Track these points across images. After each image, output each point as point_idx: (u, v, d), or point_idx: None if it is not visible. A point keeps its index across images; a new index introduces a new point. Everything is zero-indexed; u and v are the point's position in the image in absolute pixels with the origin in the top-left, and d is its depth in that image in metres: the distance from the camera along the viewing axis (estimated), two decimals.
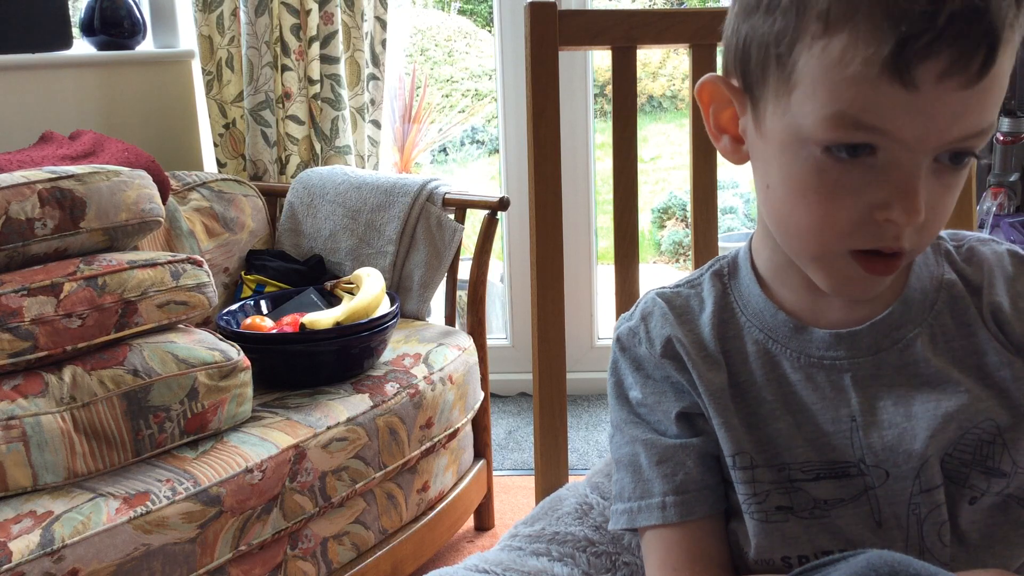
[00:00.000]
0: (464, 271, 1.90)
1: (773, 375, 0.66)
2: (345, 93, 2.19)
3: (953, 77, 0.51)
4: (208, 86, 2.21)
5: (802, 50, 0.55)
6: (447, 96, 5.44)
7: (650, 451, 0.68)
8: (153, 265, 1.38)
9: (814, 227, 0.58)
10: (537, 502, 0.94)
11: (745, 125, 0.63)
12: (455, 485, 1.77)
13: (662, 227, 4.72)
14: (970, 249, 0.67)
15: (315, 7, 2.13)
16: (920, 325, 0.64)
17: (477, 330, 1.86)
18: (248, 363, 1.41)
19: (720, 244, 1.06)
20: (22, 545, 1.08)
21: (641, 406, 0.70)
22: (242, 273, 1.96)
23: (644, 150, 4.96)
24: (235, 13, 2.16)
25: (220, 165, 2.26)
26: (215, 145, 2.24)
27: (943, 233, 0.69)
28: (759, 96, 0.60)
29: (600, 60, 3.14)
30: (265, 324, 1.60)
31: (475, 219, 1.92)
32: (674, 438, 0.68)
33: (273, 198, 2.14)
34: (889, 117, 0.53)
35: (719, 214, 1.05)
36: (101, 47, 2.22)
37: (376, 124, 2.31)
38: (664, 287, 0.74)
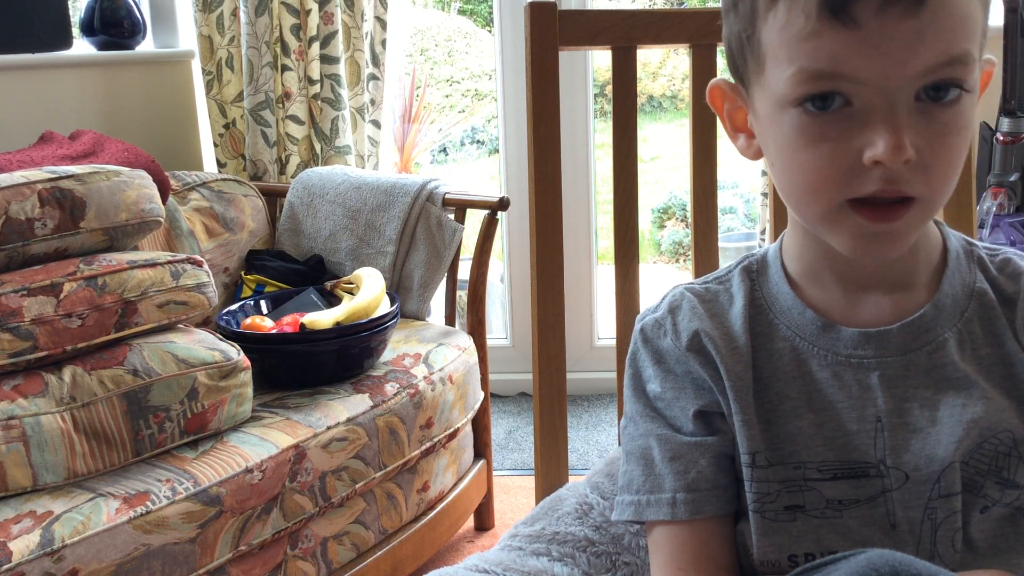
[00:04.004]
0: (464, 271, 1.90)
1: (799, 372, 0.66)
2: (345, 93, 2.19)
3: (892, 7, 0.53)
4: (208, 86, 2.21)
5: (762, 26, 0.59)
6: (447, 96, 5.44)
7: (664, 446, 0.68)
8: (153, 265, 1.38)
9: (810, 183, 0.59)
10: (537, 502, 0.94)
11: (751, 119, 0.65)
12: (455, 485, 1.78)
13: (662, 227, 4.72)
14: (1005, 260, 0.67)
15: (315, 7, 2.13)
16: (950, 329, 0.64)
17: (477, 330, 1.86)
18: (248, 363, 1.41)
19: (720, 244, 1.06)
20: (22, 545, 1.08)
21: (659, 400, 0.70)
22: (242, 273, 1.96)
23: (644, 150, 4.96)
24: (235, 13, 2.16)
25: (220, 165, 2.26)
26: (215, 145, 2.24)
27: (978, 243, 0.69)
28: (748, 83, 0.63)
29: (600, 60, 3.14)
30: (265, 324, 1.60)
31: (475, 219, 1.92)
32: (689, 435, 0.68)
33: (273, 198, 2.14)
34: (843, 60, 0.55)
35: (719, 214, 1.05)
36: (101, 47, 2.22)
37: (376, 124, 2.31)
38: (692, 283, 0.74)
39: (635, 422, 0.71)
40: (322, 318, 1.54)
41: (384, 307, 1.64)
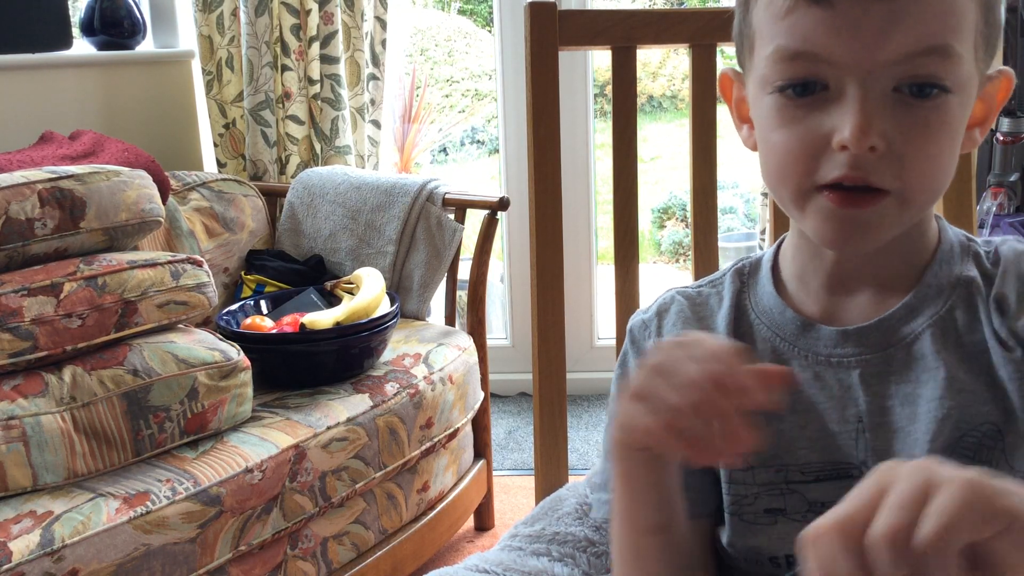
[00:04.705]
0: (464, 271, 1.90)
1: None
2: (345, 93, 2.19)
3: None
4: (208, 86, 2.21)
5: (753, 7, 0.60)
6: (447, 96, 5.44)
7: None
8: (153, 265, 1.38)
9: (781, 166, 0.60)
10: (537, 502, 0.94)
11: (751, 108, 0.65)
12: (455, 485, 1.78)
13: (662, 227, 4.72)
14: (996, 251, 0.66)
15: (315, 7, 2.13)
16: (931, 318, 0.63)
17: (477, 330, 1.86)
18: (248, 363, 1.41)
19: (720, 244, 1.06)
20: (22, 545, 1.08)
21: None
22: (242, 273, 1.96)
23: (644, 150, 4.96)
24: (235, 13, 2.16)
25: (220, 165, 2.26)
26: (215, 145, 2.24)
27: (978, 239, 0.67)
28: (744, 68, 0.64)
29: (600, 60, 3.14)
30: (265, 324, 1.60)
31: (475, 219, 1.92)
32: None
33: (273, 198, 2.14)
34: (816, 40, 0.55)
35: (719, 214, 1.05)
36: (101, 47, 2.22)
37: (376, 124, 2.31)
38: (686, 286, 0.74)
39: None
40: (322, 318, 1.54)
41: (384, 307, 1.64)
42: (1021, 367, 0.60)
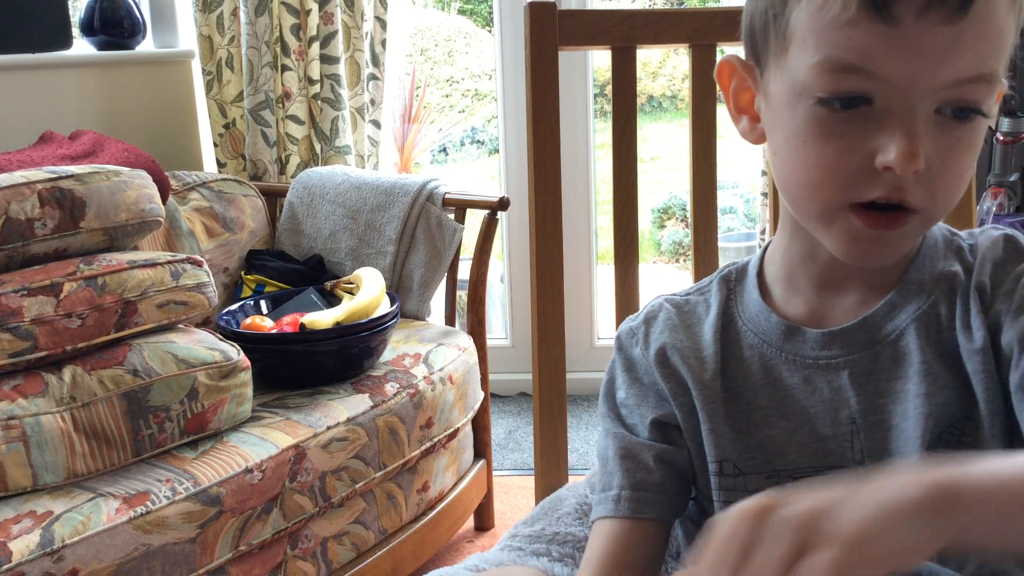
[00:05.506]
0: (464, 271, 1.90)
1: (768, 380, 0.65)
2: (345, 93, 2.19)
3: (934, 10, 0.52)
4: (208, 86, 2.21)
5: (794, 6, 0.57)
6: (447, 96, 5.44)
7: (616, 443, 0.68)
8: (153, 265, 1.38)
9: (814, 180, 0.58)
10: (537, 502, 0.94)
11: (759, 102, 0.64)
12: (455, 485, 1.78)
13: (662, 227, 4.72)
14: (976, 242, 0.66)
15: (315, 7, 2.13)
16: (913, 314, 0.62)
17: (477, 330, 1.86)
18: (248, 363, 1.41)
19: (720, 244, 1.06)
20: (22, 545, 1.08)
21: (623, 406, 0.70)
22: (242, 273, 1.96)
23: (644, 150, 4.96)
24: (235, 13, 2.16)
25: (220, 165, 2.26)
26: (215, 145, 2.24)
27: (961, 233, 0.67)
28: (764, 64, 0.61)
29: (600, 60, 3.14)
30: (265, 324, 1.60)
31: (475, 219, 1.92)
32: (644, 439, 0.68)
33: (273, 198, 2.14)
34: (874, 57, 0.53)
35: (719, 214, 1.05)
36: (101, 47, 2.22)
37: (376, 124, 2.31)
38: (675, 293, 0.74)
39: (601, 424, 0.72)
40: (322, 318, 1.54)
41: (384, 307, 1.64)
42: (985, 360, 0.59)
